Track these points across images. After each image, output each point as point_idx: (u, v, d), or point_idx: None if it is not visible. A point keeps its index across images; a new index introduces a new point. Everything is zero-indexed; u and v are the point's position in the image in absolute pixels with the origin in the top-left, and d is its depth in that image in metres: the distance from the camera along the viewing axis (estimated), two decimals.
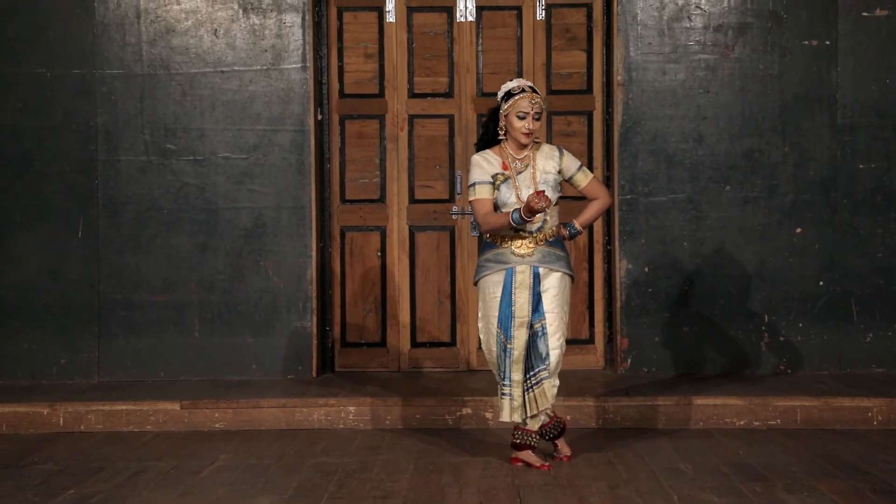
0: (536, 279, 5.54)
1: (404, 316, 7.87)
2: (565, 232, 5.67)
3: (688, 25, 7.54)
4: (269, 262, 7.56)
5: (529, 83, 5.59)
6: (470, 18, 7.85)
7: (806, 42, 7.51)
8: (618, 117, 7.56)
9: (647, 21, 7.53)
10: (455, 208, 7.86)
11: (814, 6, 7.49)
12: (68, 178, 7.54)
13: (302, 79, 7.56)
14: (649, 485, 5.15)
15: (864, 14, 7.50)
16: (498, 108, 5.63)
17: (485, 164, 5.57)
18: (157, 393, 7.00)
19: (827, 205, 7.52)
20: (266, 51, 7.55)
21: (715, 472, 5.43)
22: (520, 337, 5.53)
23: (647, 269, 7.53)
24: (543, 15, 7.82)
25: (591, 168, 7.80)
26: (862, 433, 6.37)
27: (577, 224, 5.70)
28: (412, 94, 7.87)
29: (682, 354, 7.51)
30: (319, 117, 7.74)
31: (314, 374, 7.55)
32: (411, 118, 7.88)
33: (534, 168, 5.56)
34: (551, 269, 5.56)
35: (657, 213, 7.53)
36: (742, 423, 6.57)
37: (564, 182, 5.69)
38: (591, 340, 7.83)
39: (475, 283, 5.75)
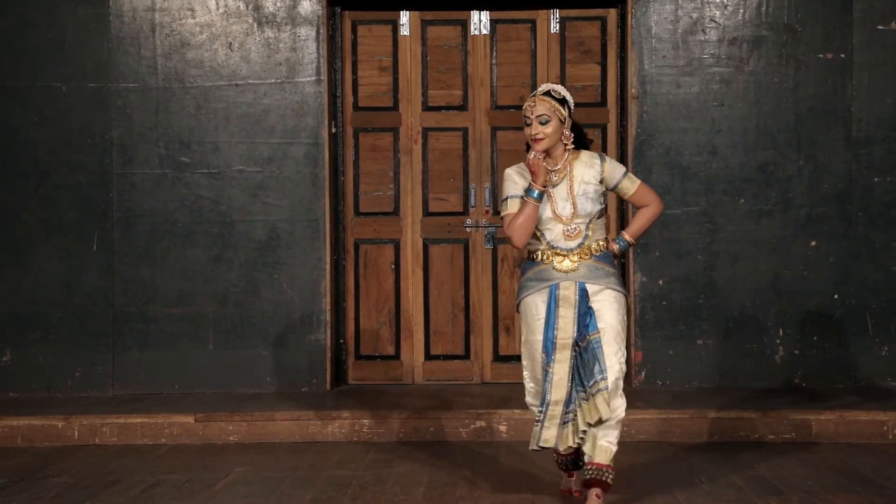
0: (583, 296, 4.95)
1: (418, 329, 7.87)
2: (615, 246, 5.09)
3: (702, 38, 7.53)
4: (283, 274, 7.57)
5: (548, 87, 5.10)
6: (484, 31, 7.86)
7: (821, 55, 7.49)
8: (632, 130, 7.56)
9: (662, 34, 7.53)
10: (469, 221, 7.86)
11: (829, 19, 7.49)
12: (84, 192, 7.57)
13: (316, 92, 7.57)
14: (665, 499, 5.14)
15: (880, 27, 7.49)
16: None
17: (517, 178, 5.05)
18: (172, 406, 7.01)
19: (842, 218, 7.50)
20: (280, 64, 7.57)
21: (730, 485, 5.41)
22: (562, 361, 4.92)
23: (661, 282, 7.52)
24: (557, 28, 7.83)
25: None
26: (877, 447, 6.34)
27: (626, 236, 5.12)
28: (426, 107, 7.88)
29: (697, 367, 7.50)
30: (334, 130, 7.76)
31: (328, 387, 7.55)
32: (425, 131, 7.89)
33: (571, 179, 4.99)
34: (600, 286, 4.97)
35: (671, 226, 7.52)
36: (757, 436, 6.55)
37: (611, 192, 5.14)
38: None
39: (517, 307, 5.17)
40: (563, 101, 5.04)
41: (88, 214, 7.57)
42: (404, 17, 7.86)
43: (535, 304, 5.01)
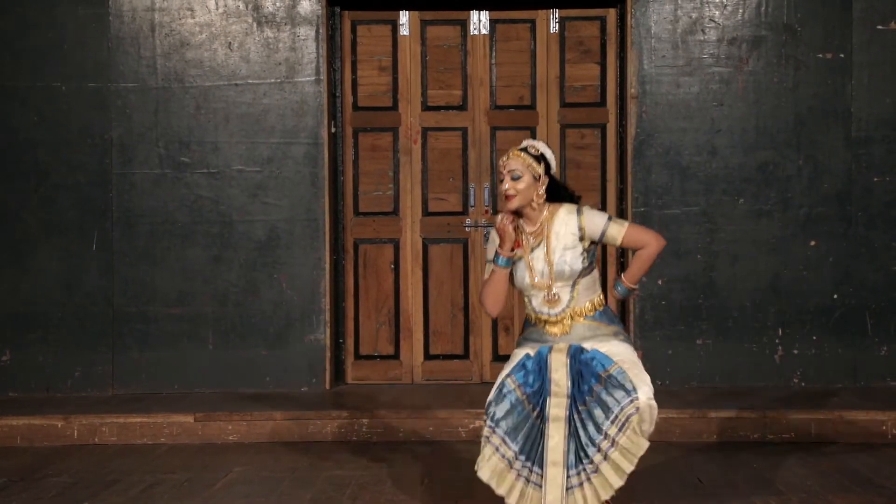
0: (578, 350, 4.56)
1: (417, 328, 7.87)
2: (615, 292, 4.73)
3: (702, 38, 7.53)
4: (282, 274, 7.57)
5: (526, 143, 4.71)
6: (483, 31, 7.86)
7: (820, 55, 7.50)
8: (631, 130, 7.56)
9: (661, 34, 7.53)
10: (468, 221, 7.86)
11: (828, 19, 7.49)
12: (83, 192, 7.57)
13: (316, 92, 7.57)
14: (664, 499, 5.14)
15: (879, 27, 7.49)
16: None
17: (497, 241, 4.66)
18: (171, 405, 7.01)
19: (842, 218, 7.50)
20: (280, 64, 7.58)
21: (729, 485, 5.41)
22: (558, 418, 4.45)
23: (660, 282, 7.52)
24: (557, 28, 7.83)
25: (604, 184, 7.80)
26: (877, 447, 6.34)
27: (625, 281, 4.71)
28: (426, 107, 7.89)
29: (696, 367, 7.50)
30: (333, 130, 7.76)
31: (328, 387, 7.55)
32: (425, 131, 7.89)
33: (547, 241, 4.61)
34: (600, 343, 4.61)
35: (671, 226, 7.52)
36: (756, 436, 6.55)
37: (601, 244, 4.69)
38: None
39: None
40: (539, 158, 4.63)
41: (88, 214, 7.57)
42: (404, 16, 7.86)
43: (522, 350, 4.66)
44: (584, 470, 4.38)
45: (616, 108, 7.80)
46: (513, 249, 4.57)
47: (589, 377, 4.46)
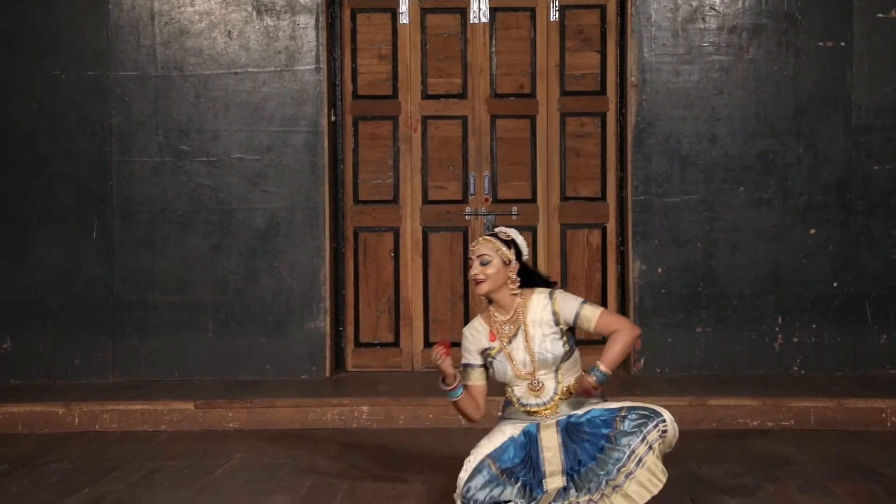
0: (566, 431, 4.53)
1: (417, 316, 7.88)
2: (591, 379, 4.46)
3: (702, 27, 7.53)
4: (282, 262, 7.57)
5: (498, 229, 4.68)
6: (483, 20, 7.85)
7: (821, 43, 7.49)
8: (631, 118, 7.56)
9: (661, 22, 7.53)
10: (468, 209, 7.86)
11: (829, 7, 7.48)
12: (83, 180, 7.57)
13: (315, 80, 7.57)
14: (664, 487, 5.14)
15: (880, 15, 7.49)
16: None
17: (471, 340, 4.68)
18: (172, 393, 7.02)
19: (841, 206, 7.50)
20: (280, 52, 7.57)
21: (728, 472, 5.42)
22: (553, 483, 4.47)
23: (660, 270, 7.52)
24: (557, 16, 7.83)
25: (603, 172, 7.80)
26: (876, 434, 6.35)
27: (602, 366, 4.48)
28: (425, 96, 7.88)
29: (696, 355, 7.51)
30: (333, 118, 7.76)
31: (328, 374, 7.56)
32: (424, 119, 7.89)
33: (525, 329, 4.57)
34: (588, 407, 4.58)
35: (670, 215, 7.52)
36: (755, 423, 6.56)
37: (574, 328, 4.64)
38: (603, 341, 7.79)
39: None
40: (509, 243, 4.58)
41: (88, 202, 7.57)
42: (403, 5, 7.85)
43: (506, 427, 4.64)
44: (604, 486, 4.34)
45: (616, 96, 7.80)
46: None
47: (594, 440, 4.43)
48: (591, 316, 4.54)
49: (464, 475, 4.54)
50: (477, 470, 4.51)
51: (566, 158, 7.84)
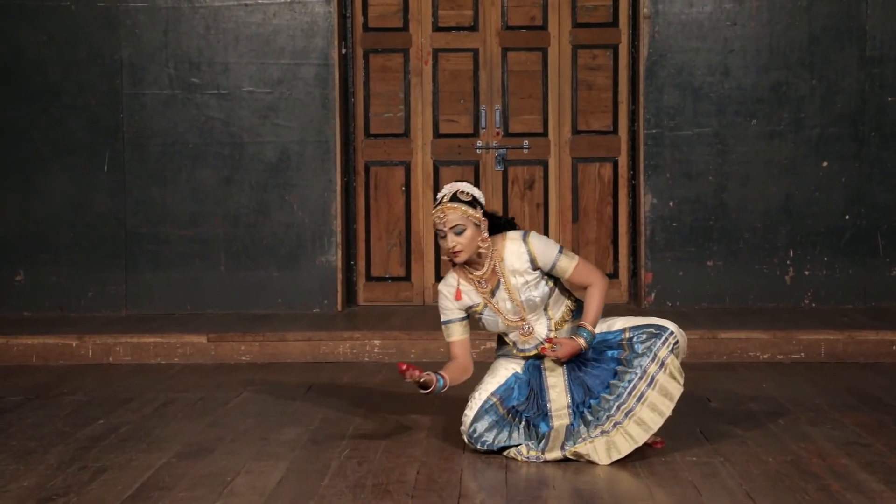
0: (573, 361, 4.55)
1: (428, 250, 7.88)
2: (583, 342, 4.48)
3: None
4: (293, 196, 7.57)
5: (453, 189, 4.50)
6: None
7: None
8: (644, 50, 7.50)
9: None
10: (479, 143, 7.84)
11: None
12: (94, 112, 7.56)
13: (326, 12, 7.52)
14: (673, 418, 5.17)
15: None
16: None
17: (451, 299, 4.59)
18: (184, 326, 7.06)
19: (854, 138, 7.46)
20: None
21: (739, 405, 5.45)
22: (560, 418, 4.51)
23: (671, 204, 7.51)
24: None
25: (615, 105, 7.76)
26: (886, 366, 6.37)
27: (588, 326, 4.51)
28: (436, 28, 7.83)
29: (707, 288, 7.51)
30: (343, 51, 7.71)
31: (339, 308, 7.59)
32: (435, 52, 7.84)
33: (506, 281, 4.52)
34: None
35: (682, 148, 7.49)
36: (766, 356, 6.58)
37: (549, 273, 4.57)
38: (615, 275, 7.83)
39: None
40: (473, 203, 4.46)
41: (99, 135, 7.56)
42: None
43: (507, 362, 4.64)
44: (614, 415, 4.39)
45: (628, 28, 7.73)
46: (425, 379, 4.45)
47: (603, 364, 4.47)
48: (568, 266, 4.52)
49: (469, 413, 4.58)
50: (483, 410, 4.55)
51: (578, 91, 7.80)
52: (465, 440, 4.60)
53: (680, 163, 7.51)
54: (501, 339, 4.74)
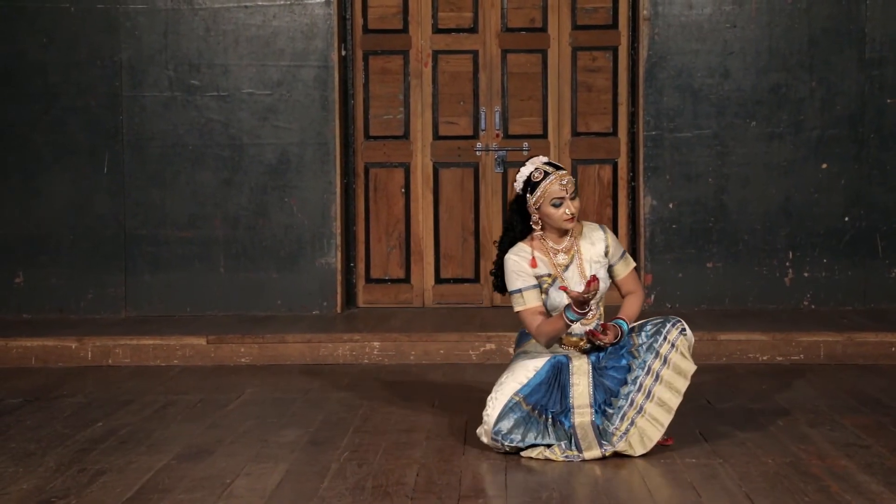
0: (595, 368, 4.60)
1: (428, 252, 7.89)
2: (623, 330, 4.63)
3: None
4: (293, 198, 7.57)
5: (544, 159, 4.70)
6: None
7: None
8: (643, 52, 7.50)
9: None
10: (479, 145, 7.84)
11: None
12: (93, 114, 7.56)
13: (326, 14, 7.52)
14: (673, 420, 5.17)
15: None
16: (520, 200, 4.69)
17: (526, 266, 4.63)
18: (184, 328, 7.06)
19: (853, 140, 7.46)
20: None
21: (738, 406, 5.45)
22: (583, 415, 4.55)
23: (671, 206, 7.51)
24: None
25: (615, 107, 7.77)
26: (885, 368, 6.37)
27: (627, 320, 4.68)
28: (436, 30, 7.83)
29: (706, 290, 7.51)
30: (343, 53, 7.72)
31: (339, 310, 7.59)
32: (435, 54, 7.84)
33: (580, 259, 4.67)
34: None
35: (682, 149, 7.49)
36: (766, 358, 6.58)
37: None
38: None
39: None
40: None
41: (98, 137, 7.57)
42: None
43: (532, 359, 4.66)
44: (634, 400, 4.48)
45: (628, 30, 7.74)
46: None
47: (617, 363, 4.56)
48: (627, 267, 4.76)
49: (492, 412, 4.56)
50: (508, 408, 4.54)
51: (577, 93, 7.80)
52: (488, 440, 4.59)
53: (679, 164, 7.51)
54: (525, 334, 4.76)
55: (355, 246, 7.88)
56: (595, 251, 4.69)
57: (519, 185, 4.67)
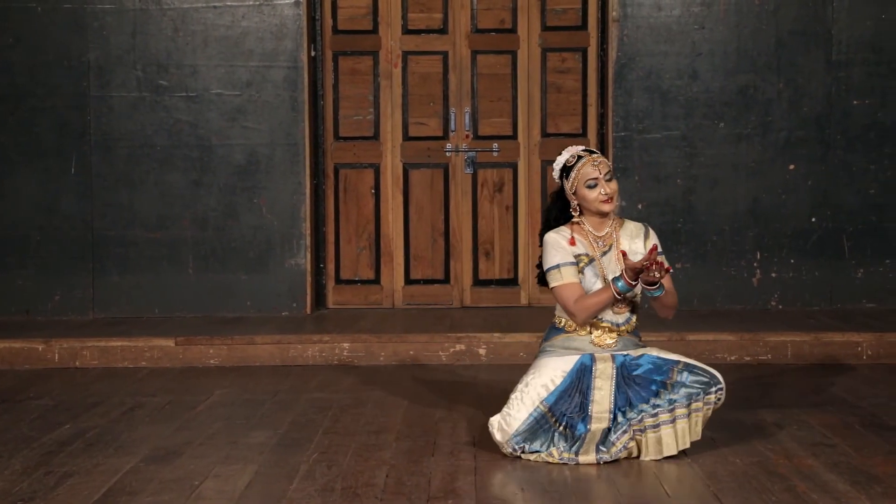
0: (622, 371, 4.61)
1: (398, 253, 7.88)
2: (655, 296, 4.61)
3: None
4: (262, 199, 7.55)
5: (581, 147, 4.75)
6: None
7: None
8: (613, 54, 7.53)
9: None
10: (449, 146, 7.84)
11: None
12: (61, 115, 7.51)
13: (295, 14, 7.50)
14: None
15: None
16: (559, 190, 4.78)
17: (564, 243, 4.65)
18: (152, 329, 7.03)
19: (820, 141, 7.51)
20: None
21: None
22: (598, 424, 4.55)
23: (640, 206, 7.54)
24: None
25: (584, 108, 7.79)
26: (851, 367, 6.41)
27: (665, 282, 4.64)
28: (406, 31, 7.83)
29: (675, 291, 7.52)
30: (313, 53, 7.70)
31: (308, 311, 7.57)
32: (405, 55, 7.84)
33: (618, 248, 4.67)
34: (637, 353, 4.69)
35: (651, 151, 7.52)
36: (734, 358, 6.62)
37: None
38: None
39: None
40: None
41: (66, 138, 7.52)
42: None
43: (557, 363, 4.64)
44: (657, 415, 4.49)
45: (597, 31, 7.76)
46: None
47: (646, 385, 4.54)
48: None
49: (516, 416, 4.54)
50: (533, 420, 4.53)
51: (547, 94, 7.82)
52: (501, 438, 4.56)
53: (648, 166, 7.54)
54: (556, 327, 4.75)
55: (325, 247, 7.87)
56: (635, 245, 4.71)
57: (556, 174, 4.74)
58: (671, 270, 4.50)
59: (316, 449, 4.74)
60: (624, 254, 4.56)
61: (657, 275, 4.40)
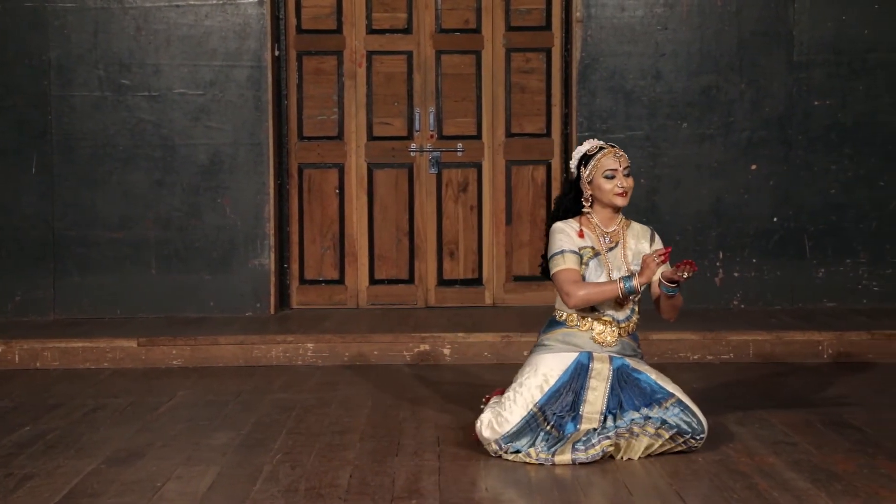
0: (619, 374, 4.63)
1: (362, 253, 7.87)
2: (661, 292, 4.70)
3: None
4: (226, 199, 7.52)
5: (602, 142, 4.82)
6: None
7: None
8: (576, 54, 7.55)
9: None
10: (413, 146, 7.84)
11: None
12: (21, 114, 7.45)
13: (259, 14, 7.48)
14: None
15: None
16: (572, 181, 4.80)
17: (571, 233, 4.68)
18: (114, 330, 6.98)
19: (782, 142, 7.56)
20: None
21: None
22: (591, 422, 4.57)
23: None
24: None
25: (549, 108, 7.81)
26: (812, 366, 6.46)
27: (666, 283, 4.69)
28: (370, 30, 7.82)
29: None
30: (276, 53, 7.68)
31: (272, 311, 7.55)
32: (369, 54, 7.83)
33: (624, 246, 4.72)
34: (633, 361, 4.71)
35: None
36: (696, 357, 6.65)
37: None
38: (548, 276, 7.83)
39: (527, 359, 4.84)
40: None
41: (27, 137, 7.46)
42: None
43: (552, 361, 4.64)
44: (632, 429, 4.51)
45: (561, 31, 7.78)
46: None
47: (638, 397, 4.57)
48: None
49: (510, 419, 4.53)
50: (525, 422, 4.53)
51: (511, 94, 7.83)
52: (490, 435, 4.55)
53: None
54: (556, 321, 4.75)
55: (289, 247, 7.84)
56: (639, 242, 4.76)
57: (574, 162, 4.79)
58: (697, 269, 4.57)
59: (280, 450, 4.73)
60: (665, 252, 4.55)
61: (685, 275, 4.48)
